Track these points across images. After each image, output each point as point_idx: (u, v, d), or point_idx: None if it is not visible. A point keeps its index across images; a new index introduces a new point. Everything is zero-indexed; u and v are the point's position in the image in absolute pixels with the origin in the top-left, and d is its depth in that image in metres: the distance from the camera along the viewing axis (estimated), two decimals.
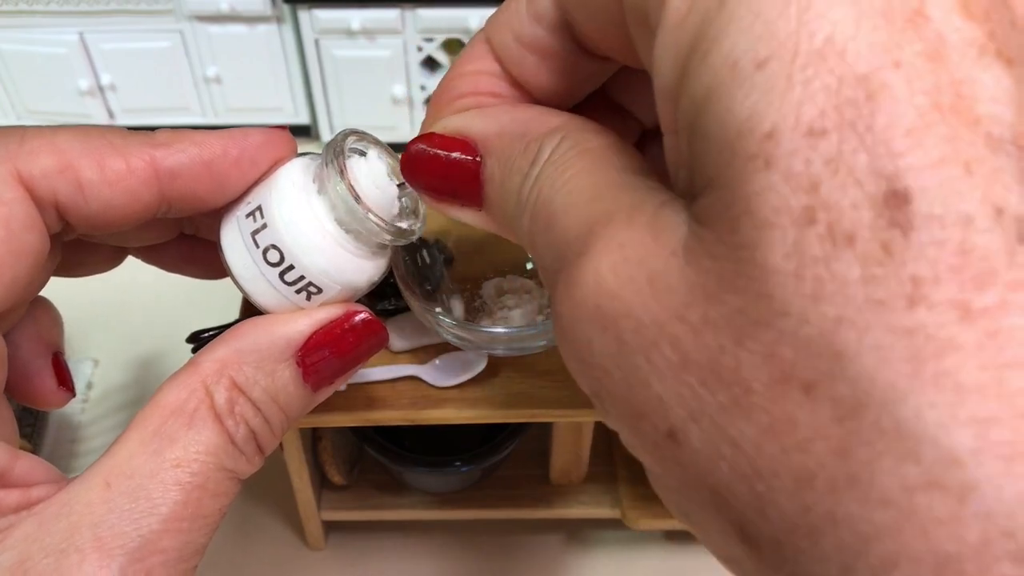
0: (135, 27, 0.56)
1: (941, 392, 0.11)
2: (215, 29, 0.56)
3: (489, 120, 0.20)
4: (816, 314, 0.12)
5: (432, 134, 0.21)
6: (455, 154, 0.20)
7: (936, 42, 0.12)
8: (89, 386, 0.49)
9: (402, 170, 0.22)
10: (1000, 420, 0.11)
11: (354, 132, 0.25)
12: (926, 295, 0.12)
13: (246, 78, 0.58)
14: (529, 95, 0.21)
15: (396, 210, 0.25)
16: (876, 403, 0.12)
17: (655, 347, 0.14)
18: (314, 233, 0.24)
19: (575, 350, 0.16)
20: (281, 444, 0.37)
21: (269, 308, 0.25)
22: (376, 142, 0.26)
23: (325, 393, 0.26)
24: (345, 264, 0.24)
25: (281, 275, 0.24)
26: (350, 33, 0.55)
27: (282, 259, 0.24)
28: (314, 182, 0.24)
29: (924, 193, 0.12)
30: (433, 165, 0.20)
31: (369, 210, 0.24)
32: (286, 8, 0.55)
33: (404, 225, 0.25)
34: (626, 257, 0.15)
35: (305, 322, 0.24)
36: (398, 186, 0.25)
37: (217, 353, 0.24)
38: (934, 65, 0.12)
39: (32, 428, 0.46)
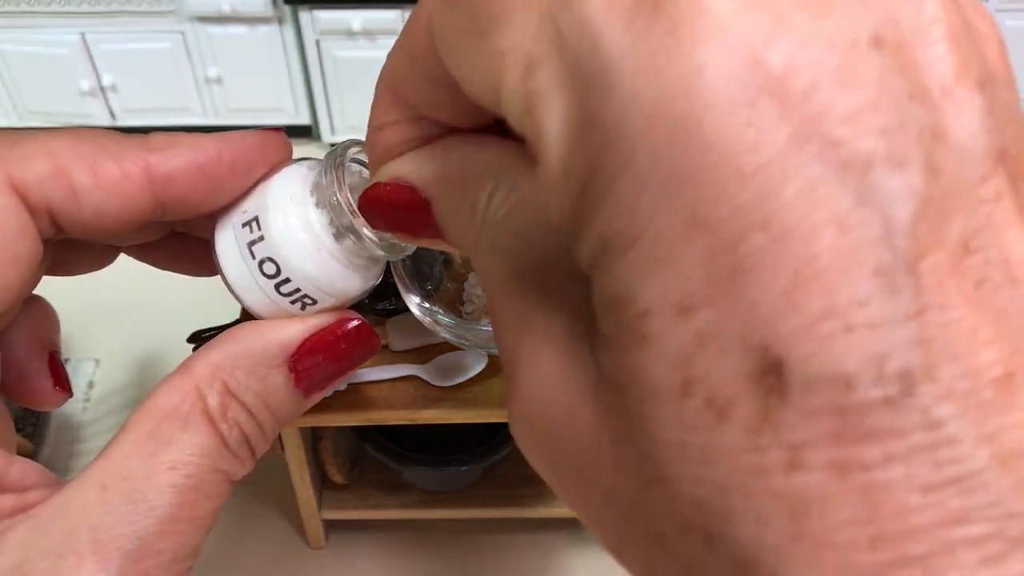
0: (136, 28, 0.56)
1: (821, 551, 0.12)
2: (216, 30, 0.56)
3: (425, 165, 0.20)
4: (704, 478, 0.12)
5: (378, 184, 0.21)
6: (403, 209, 0.20)
7: (829, 159, 0.12)
8: (90, 386, 0.49)
9: (362, 213, 0.22)
10: (876, 575, 0.11)
11: (355, 143, 0.25)
12: (804, 460, 0.12)
13: (247, 79, 0.59)
14: (453, 127, 0.20)
15: None
16: (765, 564, 0.12)
17: (582, 479, 0.15)
18: (311, 247, 0.24)
19: (525, 451, 0.17)
20: (282, 444, 0.37)
21: (262, 315, 0.25)
22: None
23: (316, 398, 0.26)
24: (340, 276, 0.24)
25: (277, 287, 0.24)
26: (351, 34, 0.55)
27: (278, 272, 0.24)
28: (311, 194, 0.24)
29: (798, 361, 0.12)
30: (387, 211, 0.20)
31: (365, 224, 0.24)
32: (287, 9, 0.55)
33: (399, 240, 0.25)
34: (543, 392, 0.15)
35: (298, 328, 0.25)
36: None
37: (211, 357, 0.24)
38: (808, 207, 0.12)
39: (33, 428, 0.46)
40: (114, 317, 0.52)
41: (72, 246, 0.27)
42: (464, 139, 0.20)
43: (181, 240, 0.29)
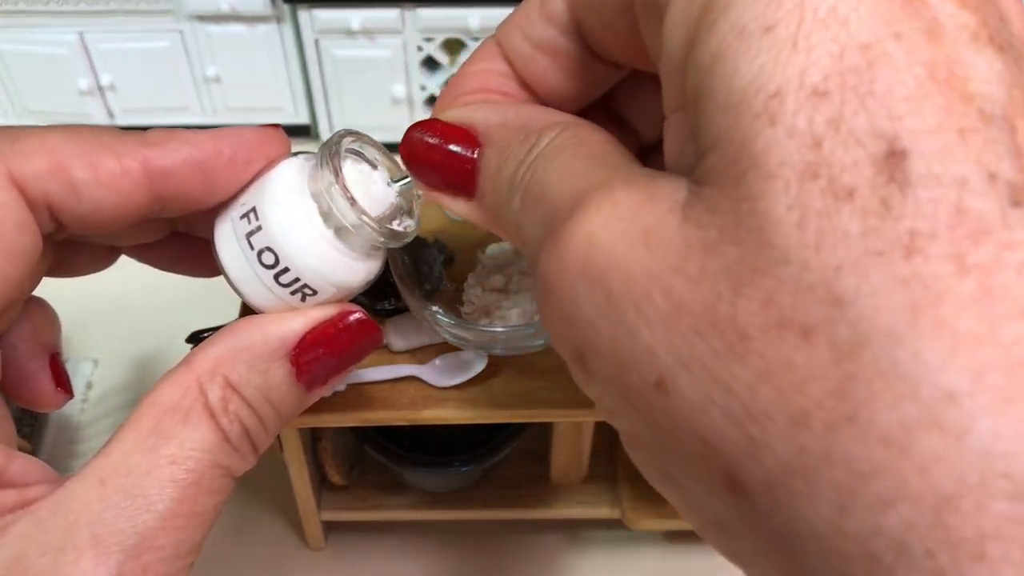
0: (135, 27, 0.56)
1: (938, 337, 0.12)
2: (215, 29, 0.56)
3: (493, 112, 0.21)
4: (817, 262, 0.13)
5: (434, 120, 0.21)
6: (452, 146, 0.21)
7: (932, 23, 0.13)
8: (89, 386, 0.49)
9: (401, 154, 0.22)
10: (995, 366, 0.12)
11: (350, 133, 0.25)
12: (923, 247, 0.12)
13: (246, 78, 0.58)
14: (537, 97, 0.22)
15: (390, 211, 0.25)
16: (875, 345, 0.12)
17: (646, 297, 0.14)
18: (308, 236, 0.24)
19: (559, 307, 0.16)
20: (281, 444, 0.37)
21: (264, 309, 0.25)
22: (372, 143, 0.26)
23: (319, 393, 0.26)
24: (339, 266, 0.24)
25: (276, 277, 0.24)
26: (350, 33, 0.55)
27: (277, 261, 0.24)
28: (308, 184, 0.24)
29: (921, 154, 0.12)
30: (430, 151, 0.21)
31: (363, 212, 0.24)
32: (286, 8, 0.55)
33: (398, 227, 0.25)
34: (619, 214, 0.15)
35: (299, 321, 0.24)
36: (396, 185, 0.25)
37: (211, 351, 0.24)
38: (931, 42, 0.13)
39: (32, 428, 0.46)
40: (113, 317, 0.52)
41: (73, 247, 0.27)
42: (533, 105, 0.21)
43: (182, 240, 0.29)
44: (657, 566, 0.43)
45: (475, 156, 0.20)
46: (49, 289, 0.28)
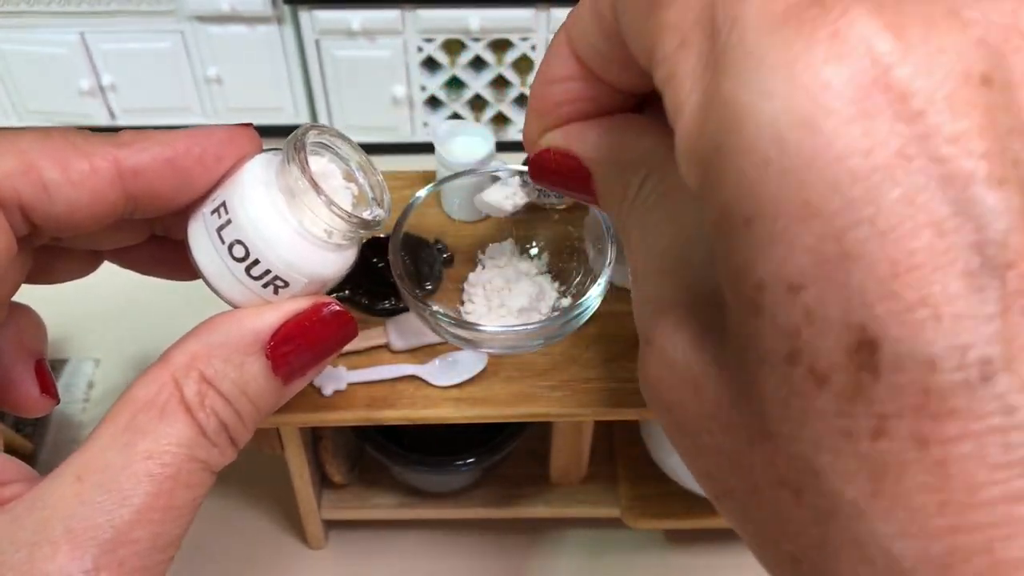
0: (136, 27, 0.56)
1: (894, 512, 0.13)
2: (216, 29, 0.56)
3: (588, 141, 0.23)
4: (801, 437, 0.14)
5: (547, 151, 0.24)
6: (569, 164, 0.23)
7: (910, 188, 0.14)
8: (90, 386, 0.49)
9: (530, 173, 0.25)
10: (940, 536, 0.13)
11: (315, 127, 0.25)
12: (889, 429, 0.13)
13: (247, 78, 0.59)
14: (618, 91, 0.23)
15: (357, 202, 0.26)
16: (842, 515, 0.14)
17: (698, 435, 0.17)
18: (277, 227, 0.24)
19: (655, 413, 0.19)
20: (282, 444, 0.37)
21: (238, 303, 0.25)
22: (338, 135, 0.26)
23: (298, 386, 0.26)
24: (310, 257, 0.25)
25: (247, 270, 0.24)
26: (350, 33, 0.55)
27: (247, 254, 0.24)
28: (277, 177, 0.24)
29: (891, 340, 0.13)
30: (553, 175, 0.24)
31: (331, 202, 0.24)
32: (286, 8, 0.55)
33: (368, 216, 0.25)
34: (676, 360, 0.18)
35: (274, 314, 0.25)
36: (361, 175, 0.26)
37: (187, 347, 0.24)
38: (910, 209, 0.13)
39: (33, 428, 0.46)
40: (114, 317, 0.52)
41: (53, 252, 0.27)
42: (624, 123, 0.22)
43: (160, 244, 0.29)
44: (657, 566, 0.44)
45: (588, 174, 0.23)
46: (50, 290, 0.28)
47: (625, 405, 0.34)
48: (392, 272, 0.31)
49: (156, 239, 0.29)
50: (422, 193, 0.33)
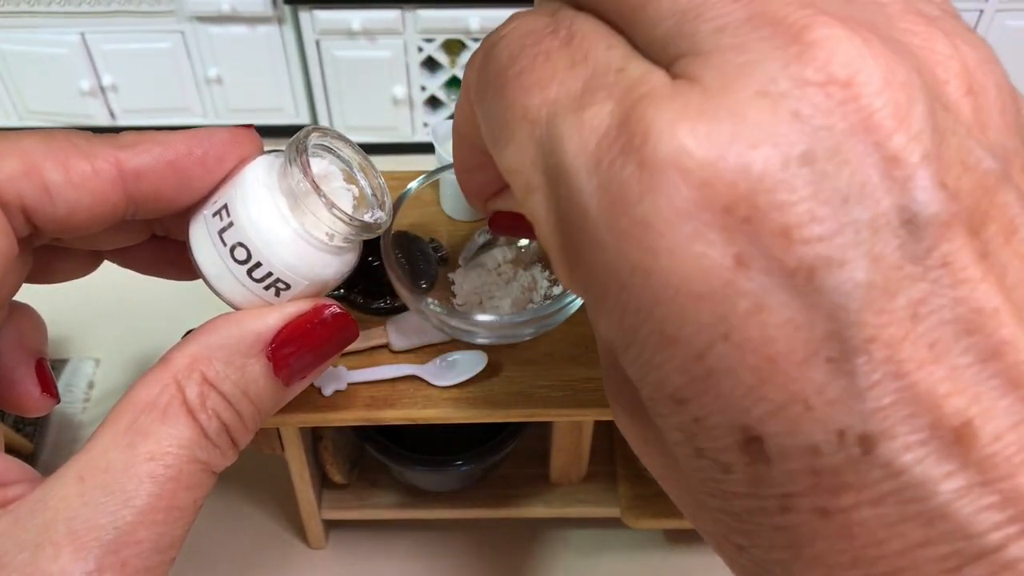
0: (136, 28, 0.56)
1: (814, 568, 0.15)
2: (216, 30, 0.56)
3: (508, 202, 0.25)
4: (727, 509, 0.16)
5: (499, 213, 0.26)
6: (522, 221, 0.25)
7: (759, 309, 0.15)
8: (90, 385, 0.49)
9: (491, 231, 0.27)
10: None
11: (317, 129, 0.25)
12: (793, 505, 0.14)
13: (247, 79, 0.59)
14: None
15: (358, 204, 0.26)
16: (777, 571, 0.15)
17: (663, 481, 0.19)
18: (279, 230, 0.24)
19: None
20: (282, 444, 0.37)
21: (239, 305, 0.25)
22: (340, 137, 0.26)
23: (299, 387, 0.26)
24: (312, 259, 0.25)
25: (249, 272, 0.24)
26: (351, 34, 0.55)
27: (249, 256, 0.24)
28: (278, 180, 0.24)
29: (773, 435, 0.14)
30: (512, 228, 0.26)
31: (333, 205, 0.24)
32: (287, 9, 0.55)
33: (369, 219, 0.25)
34: (624, 428, 0.20)
35: (275, 316, 0.25)
36: (363, 179, 0.26)
37: (188, 348, 0.24)
38: (760, 316, 0.14)
39: (33, 428, 0.46)
40: (114, 317, 0.52)
41: (54, 252, 0.27)
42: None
43: (161, 244, 0.29)
44: (657, 566, 0.44)
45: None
46: (50, 289, 0.28)
47: None
48: (384, 263, 0.31)
49: (157, 239, 0.29)
50: (413, 185, 0.34)
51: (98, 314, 0.51)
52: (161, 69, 0.58)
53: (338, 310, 0.26)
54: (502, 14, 0.63)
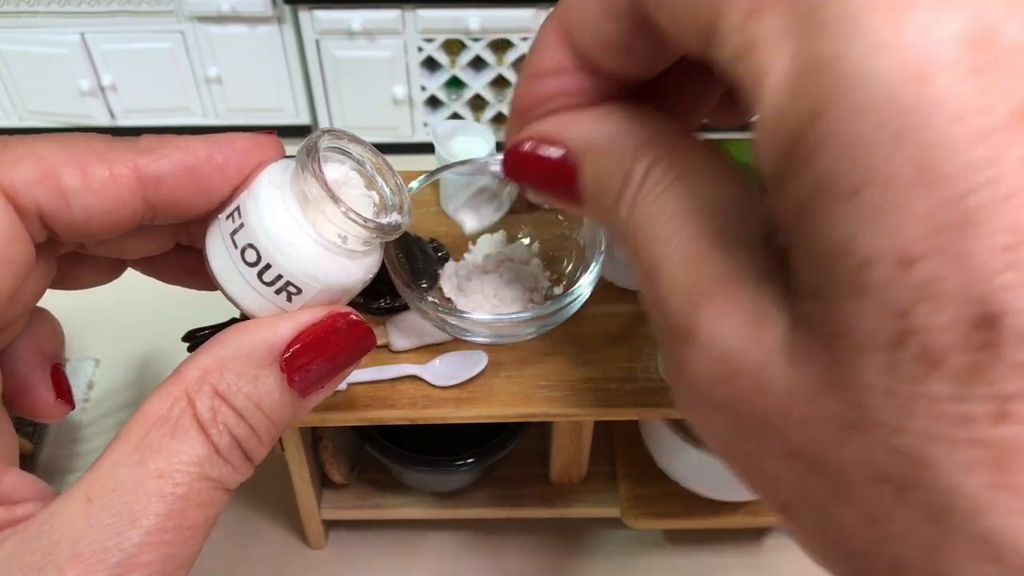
0: (136, 28, 0.56)
1: (1021, 502, 0.12)
2: (216, 30, 0.56)
3: (578, 128, 0.21)
4: (908, 427, 0.13)
5: (520, 144, 0.21)
6: (552, 155, 0.21)
7: None
8: (90, 386, 0.49)
9: (504, 170, 0.22)
10: None
11: (329, 131, 0.25)
12: (1012, 411, 0.12)
13: (247, 78, 0.59)
14: (611, 80, 0.21)
15: (378, 207, 0.25)
16: (961, 510, 0.13)
17: (765, 435, 0.15)
18: (291, 232, 0.23)
19: (695, 423, 0.18)
20: (282, 444, 0.37)
21: (252, 311, 0.25)
22: (354, 138, 0.25)
23: (316, 399, 0.25)
24: (325, 263, 0.24)
25: (259, 275, 0.24)
26: (350, 34, 0.55)
27: (259, 258, 0.24)
28: (291, 183, 0.24)
29: (1014, 313, 0.12)
30: (533, 167, 0.21)
31: (348, 208, 0.23)
32: (287, 9, 0.55)
33: (386, 221, 0.25)
34: (728, 350, 0.16)
35: (287, 326, 0.24)
36: (381, 181, 0.25)
37: (199, 361, 0.23)
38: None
39: (33, 428, 0.46)
40: (115, 317, 0.52)
41: (77, 259, 0.27)
42: (622, 108, 0.20)
43: (185, 253, 0.29)
44: (657, 566, 0.44)
45: (574, 169, 0.21)
46: (49, 290, 0.28)
47: (625, 405, 0.34)
48: (387, 266, 0.31)
49: (181, 248, 0.28)
50: (413, 185, 0.33)
51: (99, 314, 0.51)
52: (161, 69, 0.58)
53: (354, 318, 0.25)
54: (502, 14, 0.63)
